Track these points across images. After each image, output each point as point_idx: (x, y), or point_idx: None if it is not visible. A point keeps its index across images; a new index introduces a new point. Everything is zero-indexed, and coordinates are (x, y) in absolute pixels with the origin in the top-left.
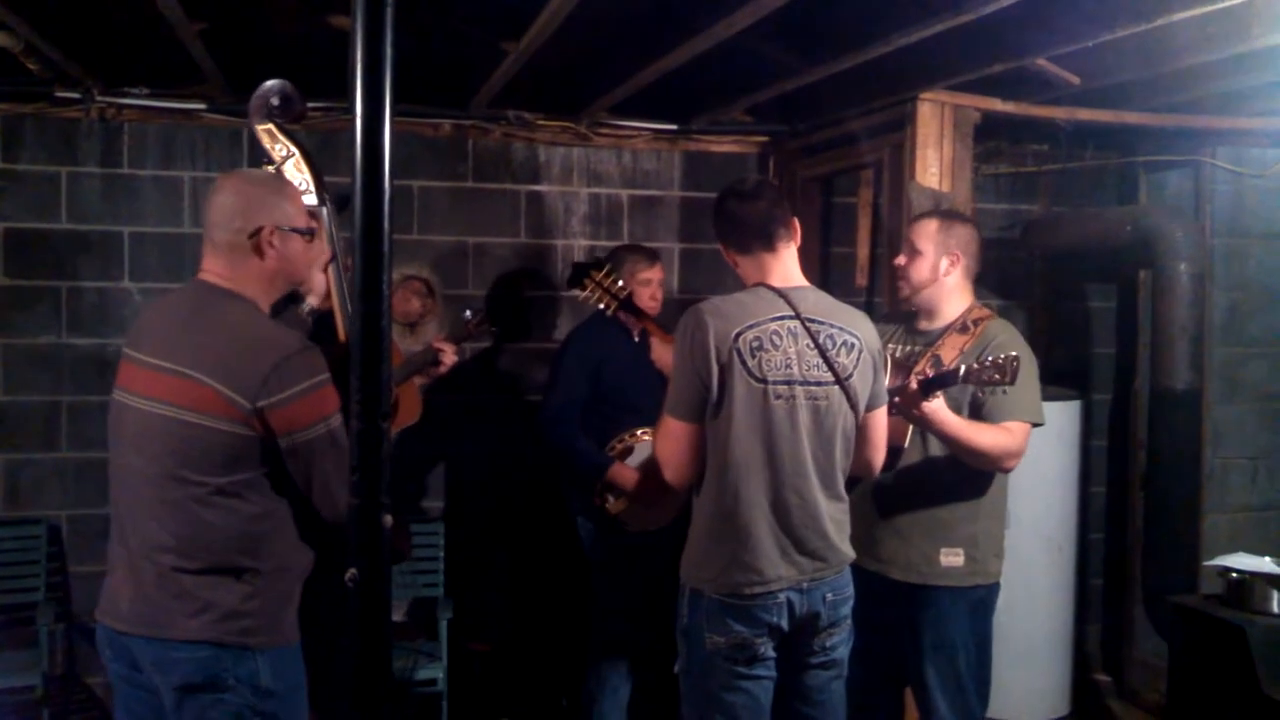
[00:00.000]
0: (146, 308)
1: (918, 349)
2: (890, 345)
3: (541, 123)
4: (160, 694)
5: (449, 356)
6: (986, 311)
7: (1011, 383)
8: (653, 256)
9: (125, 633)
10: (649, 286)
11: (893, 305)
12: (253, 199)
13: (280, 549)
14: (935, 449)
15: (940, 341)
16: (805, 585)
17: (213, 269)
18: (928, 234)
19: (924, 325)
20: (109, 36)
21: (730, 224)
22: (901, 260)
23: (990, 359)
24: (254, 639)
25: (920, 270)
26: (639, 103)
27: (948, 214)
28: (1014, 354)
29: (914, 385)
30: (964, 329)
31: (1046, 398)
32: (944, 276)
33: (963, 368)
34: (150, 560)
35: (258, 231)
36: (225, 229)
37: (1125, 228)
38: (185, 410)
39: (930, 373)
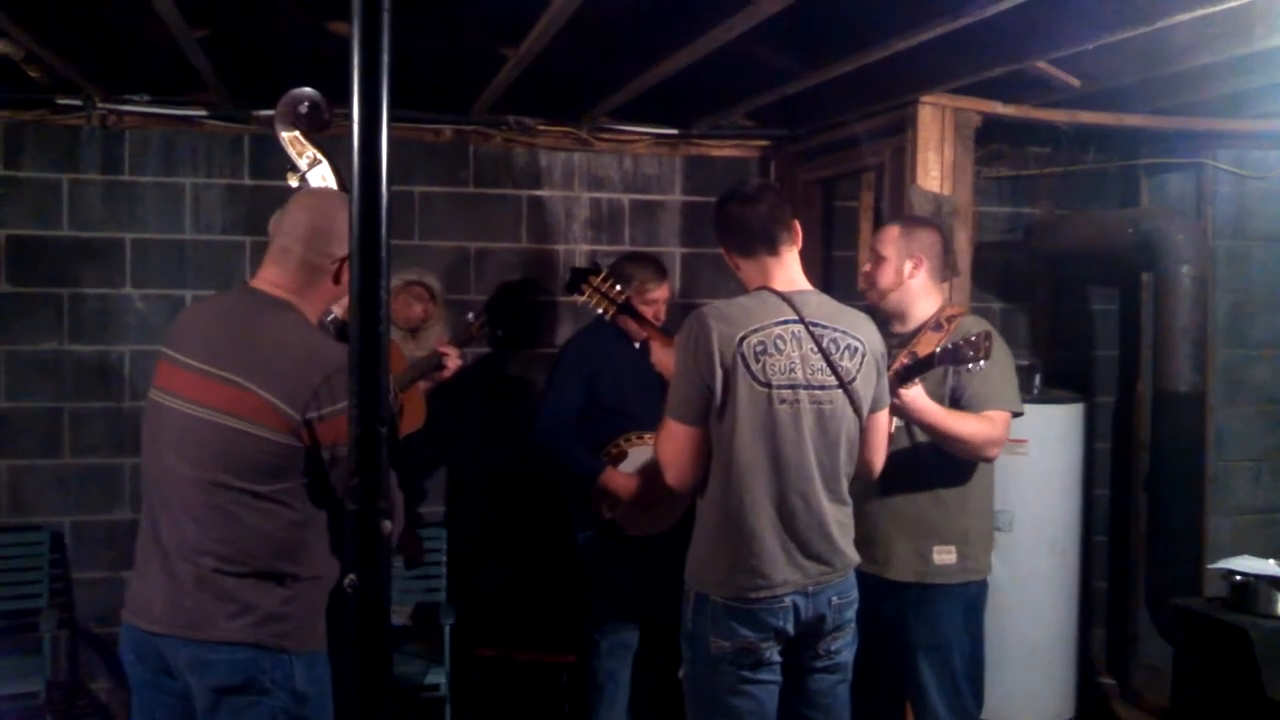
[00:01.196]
0: (187, 310)
1: (893, 348)
2: None
3: (542, 128)
4: (191, 697)
5: (453, 360)
6: (959, 309)
7: (986, 358)
8: (662, 274)
9: (158, 633)
10: (654, 306)
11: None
12: (344, 225)
13: (318, 556)
14: (920, 436)
15: (916, 339)
16: (810, 589)
17: (273, 279)
18: (890, 240)
19: (897, 328)
20: (110, 44)
21: (732, 227)
22: (867, 267)
23: (962, 338)
24: (290, 642)
25: (885, 275)
26: (640, 107)
27: (910, 219)
28: (986, 330)
29: (891, 374)
30: (938, 326)
31: (1049, 400)
32: (909, 279)
33: (938, 350)
34: (189, 562)
35: (344, 259)
36: (310, 249)
37: (1127, 230)
38: (232, 417)
39: (908, 362)
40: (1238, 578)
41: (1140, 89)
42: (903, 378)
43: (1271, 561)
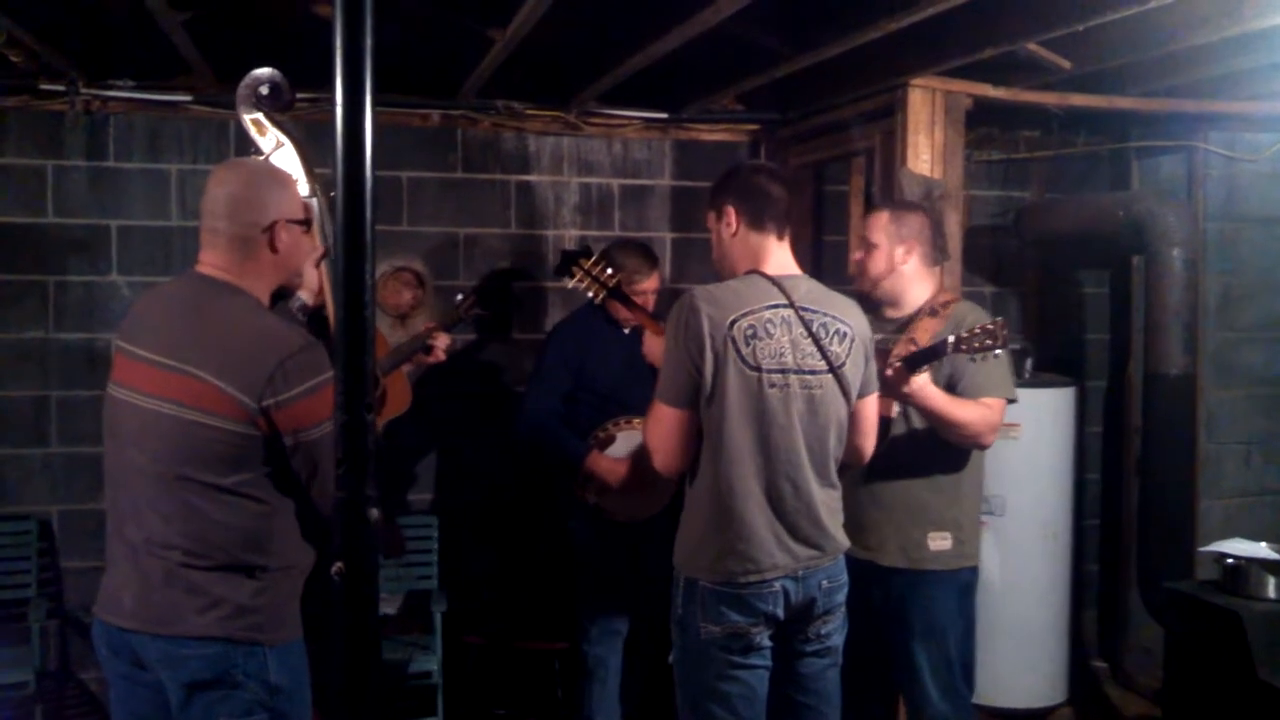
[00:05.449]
0: (139, 300)
1: (889, 335)
2: None
3: (531, 112)
4: (165, 691)
5: (442, 340)
6: (952, 295)
7: (1004, 346)
8: (653, 263)
9: (128, 629)
10: (643, 297)
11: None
12: (264, 191)
13: (287, 546)
14: (918, 423)
15: (913, 326)
16: (800, 573)
17: (213, 262)
18: (879, 226)
19: (891, 314)
20: (93, 28)
21: (755, 195)
22: (858, 255)
23: (979, 326)
24: (263, 635)
25: (877, 263)
26: (629, 91)
27: (899, 204)
28: (1000, 319)
29: (900, 362)
30: (933, 312)
31: (1041, 385)
32: (900, 265)
33: (951, 338)
34: (156, 556)
35: (272, 225)
36: (234, 221)
37: (1118, 213)
38: (188, 409)
39: (916, 350)
40: (1229, 560)
41: (1132, 71)
42: (911, 366)
43: (1263, 544)
